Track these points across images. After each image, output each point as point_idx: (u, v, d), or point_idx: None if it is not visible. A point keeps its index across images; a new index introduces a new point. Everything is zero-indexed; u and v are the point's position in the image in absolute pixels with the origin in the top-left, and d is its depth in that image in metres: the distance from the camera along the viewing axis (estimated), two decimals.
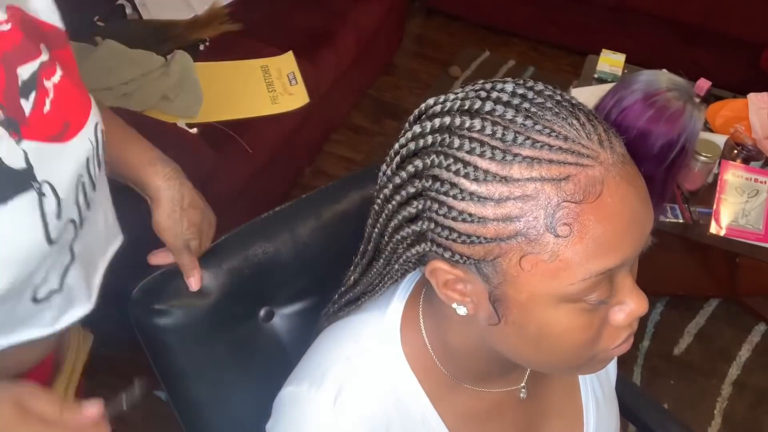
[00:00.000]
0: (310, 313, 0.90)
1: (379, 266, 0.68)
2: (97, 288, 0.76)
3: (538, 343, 0.60)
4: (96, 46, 1.97)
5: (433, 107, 0.61)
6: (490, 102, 0.56)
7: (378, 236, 0.65)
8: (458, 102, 0.58)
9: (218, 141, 1.86)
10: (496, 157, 0.54)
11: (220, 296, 0.86)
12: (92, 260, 0.76)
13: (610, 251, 0.55)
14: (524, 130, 0.54)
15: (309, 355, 0.76)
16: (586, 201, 0.53)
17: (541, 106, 0.56)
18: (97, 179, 0.70)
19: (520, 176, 0.54)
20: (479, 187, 0.55)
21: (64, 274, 0.68)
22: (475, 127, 0.55)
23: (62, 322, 0.71)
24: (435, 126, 0.58)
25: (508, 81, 0.59)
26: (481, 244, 0.56)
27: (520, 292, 0.57)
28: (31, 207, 0.59)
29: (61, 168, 0.63)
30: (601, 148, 0.55)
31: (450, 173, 0.56)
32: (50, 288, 0.66)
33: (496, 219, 0.54)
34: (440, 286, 0.62)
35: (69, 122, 0.65)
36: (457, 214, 0.56)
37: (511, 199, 0.54)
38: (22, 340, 0.66)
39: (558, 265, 0.55)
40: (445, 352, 0.70)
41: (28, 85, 0.61)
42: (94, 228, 0.74)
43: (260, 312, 0.90)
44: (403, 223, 0.60)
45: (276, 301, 0.91)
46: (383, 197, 0.62)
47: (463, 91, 0.60)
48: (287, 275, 0.90)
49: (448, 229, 0.57)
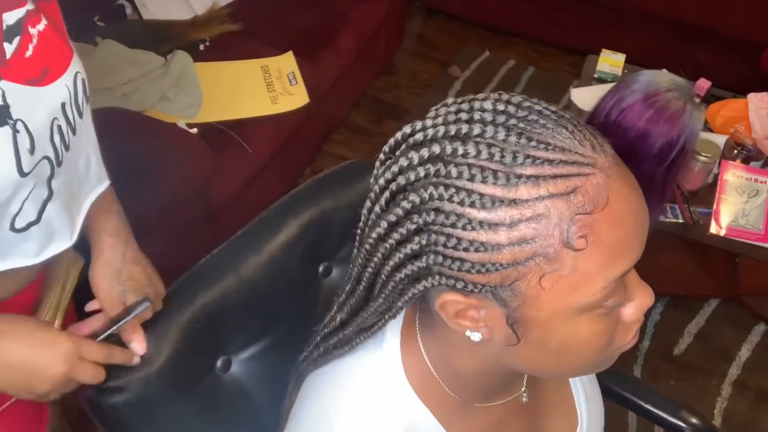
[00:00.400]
0: (268, 353, 0.88)
1: (378, 305, 0.64)
2: (79, 226, 0.82)
3: (560, 355, 0.60)
4: (96, 46, 1.97)
5: (413, 136, 0.58)
6: (478, 124, 0.54)
7: (372, 276, 0.62)
8: (441, 128, 0.56)
9: (218, 141, 1.86)
10: (499, 181, 0.52)
11: (174, 355, 0.81)
12: (75, 199, 0.81)
13: (624, 254, 0.55)
14: (521, 148, 0.53)
15: (304, 408, 0.72)
16: (597, 210, 0.53)
17: (527, 120, 0.55)
18: (77, 125, 0.76)
19: (529, 196, 0.52)
20: (488, 214, 0.53)
21: (42, 207, 0.74)
22: (470, 153, 0.53)
23: (44, 254, 0.77)
24: (424, 157, 0.55)
25: (486, 98, 0.57)
26: (498, 271, 0.54)
27: (541, 310, 0.56)
28: (6, 140, 0.66)
29: (37, 109, 0.70)
30: (595, 153, 0.54)
31: (454, 204, 0.53)
32: (28, 219, 0.73)
33: (511, 243, 0.53)
34: (451, 317, 0.59)
35: (48, 69, 0.71)
36: (468, 244, 0.54)
37: (524, 221, 0.52)
38: (8, 268, 0.74)
39: (578, 278, 0.54)
40: (452, 377, 0.68)
41: (13, 30, 0.67)
42: (74, 169, 0.80)
43: (217, 363, 0.86)
44: (405, 260, 0.58)
45: (231, 348, 0.88)
46: (377, 236, 0.59)
47: (440, 115, 0.58)
48: (238, 319, 0.87)
49: (459, 261, 0.55)
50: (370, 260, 0.61)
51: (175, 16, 2.16)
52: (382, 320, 0.66)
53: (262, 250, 0.89)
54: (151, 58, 1.98)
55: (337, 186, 0.97)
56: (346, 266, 0.97)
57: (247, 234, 0.90)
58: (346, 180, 0.98)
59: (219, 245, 0.89)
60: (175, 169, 1.69)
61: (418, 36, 3.11)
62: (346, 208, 0.95)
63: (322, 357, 0.73)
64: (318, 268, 0.97)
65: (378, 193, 0.59)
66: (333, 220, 0.94)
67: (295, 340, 0.91)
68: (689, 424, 1.10)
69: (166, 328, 0.81)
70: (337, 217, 0.95)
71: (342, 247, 0.97)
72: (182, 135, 1.80)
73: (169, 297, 0.84)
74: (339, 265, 0.98)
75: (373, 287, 0.64)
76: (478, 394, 0.71)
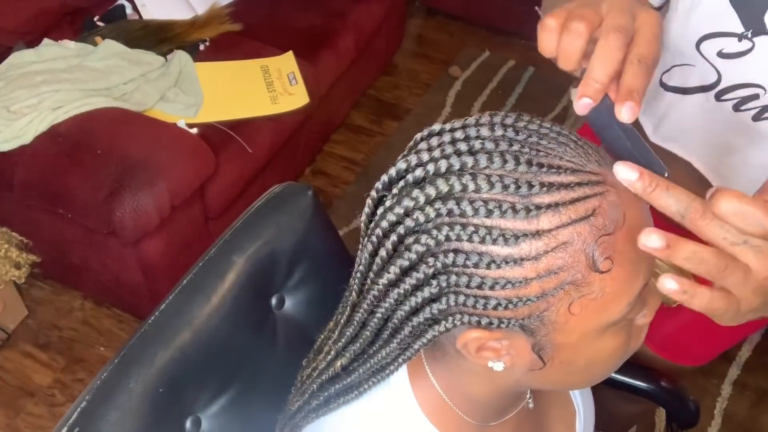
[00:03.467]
0: (236, 402, 0.85)
1: (391, 349, 0.61)
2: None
3: (586, 371, 0.60)
4: (96, 46, 1.97)
5: (412, 173, 0.54)
6: (482, 155, 0.52)
7: (382, 321, 0.59)
8: (443, 162, 0.52)
9: (218, 141, 1.86)
10: (519, 214, 0.50)
11: (144, 428, 0.76)
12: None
13: (643, 266, 0.55)
14: (534, 176, 0.51)
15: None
16: (618, 228, 0.52)
17: (530, 143, 0.53)
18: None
19: (551, 225, 0.51)
20: (512, 249, 0.51)
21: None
22: (483, 188, 0.51)
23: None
24: (432, 195, 0.52)
25: (479, 123, 0.55)
26: (526, 305, 0.52)
27: (570, 335, 0.55)
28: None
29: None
30: (601, 167, 0.54)
31: (474, 243, 0.51)
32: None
33: (538, 276, 0.51)
34: (474, 353, 0.57)
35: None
36: (493, 282, 0.52)
37: (550, 252, 0.51)
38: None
39: (606, 298, 0.53)
40: (467, 403, 0.67)
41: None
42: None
43: (186, 425, 0.82)
44: (423, 304, 0.55)
45: (198, 406, 0.83)
46: (387, 282, 0.55)
47: (434, 147, 0.55)
48: (201, 374, 0.83)
49: (484, 299, 0.53)
50: (379, 306, 0.58)
51: (175, 16, 2.16)
52: (397, 362, 0.63)
53: (211, 296, 0.84)
54: (151, 58, 1.98)
55: (275, 213, 0.92)
56: (299, 294, 0.95)
57: (193, 281, 0.84)
58: (284, 205, 0.93)
59: (165, 298, 0.82)
60: (175, 169, 1.69)
61: (418, 36, 3.11)
62: (291, 234, 0.92)
63: (324, 406, 0.69)
64: (270, 301, 0.93)
65: (381, 237, 0.55)
66: (279, 249, 0.91)
67: (262, 382, 0.88)
68: (659, 386, 1.10)
69: (130, 402, 0.75)
70: (283, 245, 0.91)
71: (292, 275, 0.94)
72: (182, 135, 1.80)
73: (127, 364, 0.78)
74: (292, 295, 0.95)
75: (382, 331, 0.61)
76: (495, 414, 0.70)
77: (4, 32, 1.92)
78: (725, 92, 0.85)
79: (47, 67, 1.85)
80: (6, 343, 1.94)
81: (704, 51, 0.84)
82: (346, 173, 2.50)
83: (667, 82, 0.92)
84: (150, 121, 1.81)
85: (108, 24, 2.10)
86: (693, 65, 0.87)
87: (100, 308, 2.04)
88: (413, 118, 2.67)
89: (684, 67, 0.88)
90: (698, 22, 0.83)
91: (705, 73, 0.86)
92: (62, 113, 1.72)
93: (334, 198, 2.41)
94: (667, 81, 0.92)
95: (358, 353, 0.65)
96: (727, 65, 0.83)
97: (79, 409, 0.74)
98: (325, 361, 0.69)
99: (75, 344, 1.96)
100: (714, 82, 0.86)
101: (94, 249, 1.79)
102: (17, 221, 1.79)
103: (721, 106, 0.86)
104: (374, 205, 0.57)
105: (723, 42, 0.82)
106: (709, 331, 1.10)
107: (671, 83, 0.92)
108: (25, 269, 1.73)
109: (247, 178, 1.95)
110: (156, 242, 1.72)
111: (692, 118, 0.90)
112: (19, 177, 1.70)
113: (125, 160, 1.66)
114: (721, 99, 0.86)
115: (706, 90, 0.87)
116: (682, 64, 0.88)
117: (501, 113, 0.56)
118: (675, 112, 0.93)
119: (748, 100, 0.84)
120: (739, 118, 0.85)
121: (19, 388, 1.87)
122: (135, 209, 1.60)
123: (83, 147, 1.68)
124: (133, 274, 1.78)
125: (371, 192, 0.57)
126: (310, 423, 0.71)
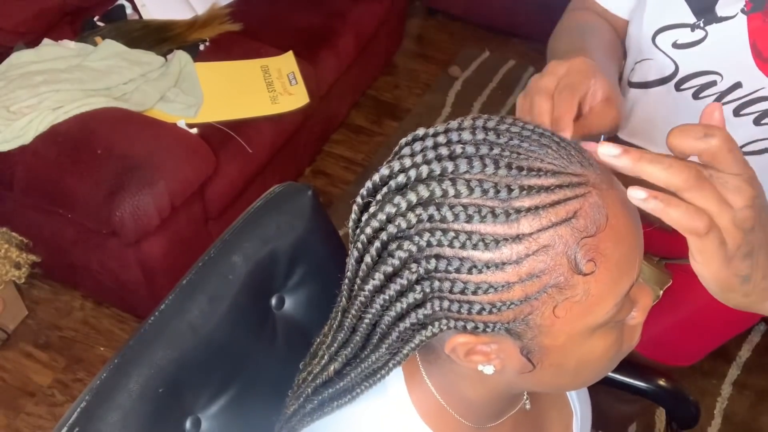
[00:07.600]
0: (237, 402, 0.85)
1: (381, 354, 0.62)
2: None
3: (577, 372, 0.60)
4: (96, 46, 1.97)
5: (394, 178, 0.54)
6: (462, 159, 0.52)
7: (370, 326, 0.60)
8: (424, 168, 0.52)
9: (218, 141, 1.86)
10: (499, 218, 0.50)
11: (144, 429, 0.76)
12: None
13: (629, 267, 0.54)
14: (513, 179, 0.51)
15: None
16: (600, 230, 0.52)
17: (510, 146, 0.53)
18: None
19: (531, 229, 0.50)
20: (493, 254, 0.51)
21: None
22: (462, 193, 0.51)
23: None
24: (413, 201, 0.52)
25: (461, 127, 0.55)
26: (509, 309, 0.53)
27: (557, 338, 0.55)
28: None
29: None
30: (584, 168, 0.53)
31: (455, 249, 0.51)
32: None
33: (520, 280, 0.51)
34: (462, 357, 0.58)
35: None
36: (475, 287, 0.52)
37: (531, 255, 0.51)
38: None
39: (591, 300, 0.53)
40: (463, 405, 0.67)
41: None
42: None
43: (186, 425, 0.82)
44: (409, 310, 0.55)
45: (199, 406, 0.83)
46: (373, 288, 0.56)
47: (417, 152, 0.54)
48: (201, 374, 0.83)
49: (468, 304, 0.53)
50: (367, 312, 0.58)
51: (175, 16, 2.16)
52: (387, 367, 0.63)
53: (211, 296, 0.84)
54: (151, 58, 1.98)
55: (275, 213, 0.92)
56: (299, 295, 0.95)
57: (193, 281, 0.84)
58: (284, 205, 0.93)
59: (165, 298, 0.82)
60: (175, 169, 1.69)
61: (418, 36, 3.11)
62: (291, 234, 0.92)
63: (318, 409, 0.70)
64: (270, 301, 0.93)
65: (366, 244, 0.55)
66: (279, 249, 0.90)
67: (261, 382, 0.88)
68: (657, 386, 1.10)
69: (130, 402, 0.75)
70: (283, 245, 0.91)
71: (292, 275, 0.94)
72: (182, 135, 1.80)
73: (127, 364, 0.78)
74: (291, 295, 0.95)
75: (372, 336, 0.61)
76: (491, 416, 0.70)
77: (4, 32, 1.92)
78: (683, 81, 0.88)
79: (47, 67, 1.85)
80: (6, 343, 1.94)
81: (660, 44, 0.88)
82: (346, 173, 2.51)
83: (631, 80, 0.96)
84: (150, 121, 1.81)
85: (108, 24, 2.10)
86: (651, 59, 0.90)
87: (100, 308, 2.04)
88: (413, 118, 2.67)
89: (643, 63, 0.92)
90: (652, 15, 0.87)
91: (663, 65, 0.89)
92: (62, 113, 1.72)
93: (334, 198, 2.41)
94: (631, 78, 0.96)
95: (350, 357, 0.65)
96: (683, 55, 0.86)
97: (78, 409, 0.74)
98: (319, 365, 0.69)
99: (75, 344, 1.96)
100: (672, 73, 0.89)
101: (94, 249, 1.79)
102: (17, 221, 1.79)
103: (681, 96, 0.89)
104: (360, 211, 0.57)
105: (677, 33, 0.85)
106: (696, 331, 1.11)
107: (634, 79, 0.95)
108: (25, 269, 1.73)
109: (247, 178, 1.95)
110: (156, 242, 1.72)
111: (655, 110, 0.93)
112: (19, 177, 1.70)
113: (125, 160, 1.66)
114: (680, 89, 0.89)
115: (666, 82, 0.90)
116: (642, 59, 0.92)
117: (484, 116, 0.56)
118: (639, 106, 0.96)
119: (705, 88, 0.87)
120: (699, 105, 0.87)
121: (19, 388, 1.87)
122: (135, 209, 1.60)
123: (83, 147, 1.68)
124: (133, 274, 1.78)
125: (357, 198, 0.57)
126: (305, 426, 0.71)
